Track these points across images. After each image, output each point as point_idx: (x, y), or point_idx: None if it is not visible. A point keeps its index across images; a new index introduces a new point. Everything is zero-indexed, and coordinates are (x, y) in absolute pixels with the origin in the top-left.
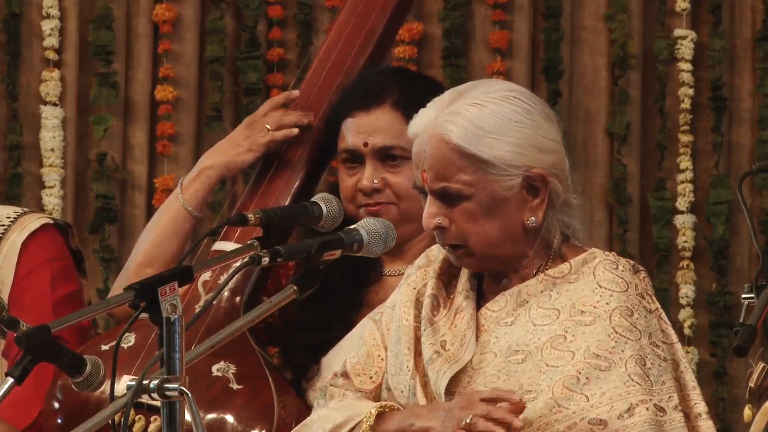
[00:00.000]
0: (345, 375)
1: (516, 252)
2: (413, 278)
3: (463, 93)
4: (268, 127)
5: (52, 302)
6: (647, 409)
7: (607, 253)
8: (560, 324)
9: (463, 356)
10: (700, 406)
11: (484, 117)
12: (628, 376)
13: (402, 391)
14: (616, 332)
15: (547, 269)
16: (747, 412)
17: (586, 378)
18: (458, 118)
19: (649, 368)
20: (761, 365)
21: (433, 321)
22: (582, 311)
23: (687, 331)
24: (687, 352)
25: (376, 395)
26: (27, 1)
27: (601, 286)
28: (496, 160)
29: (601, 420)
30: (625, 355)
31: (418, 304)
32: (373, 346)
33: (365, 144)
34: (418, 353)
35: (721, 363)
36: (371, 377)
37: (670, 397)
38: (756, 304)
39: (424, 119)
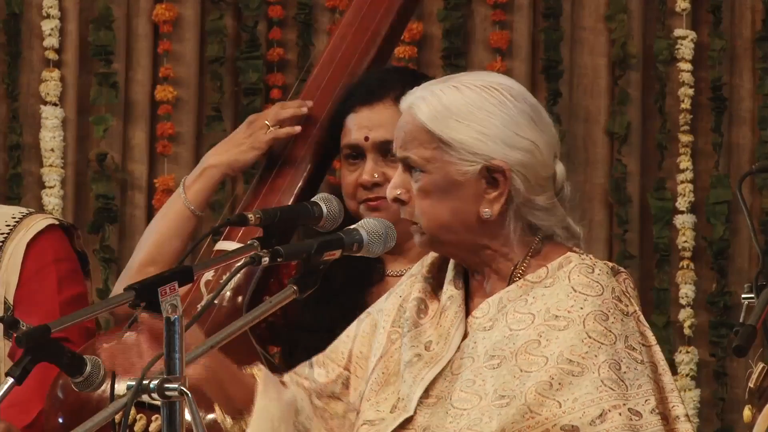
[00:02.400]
0: (311, 364)
1: (473, 242)
2: (402, 287)
3: (442, 80)
4: (267, 123)
5: (59, 303)
6: (620, 414)
7: (584, 256)
8: (535, 329)
9: (445, 355)
10: (678, 409)
11: (455, 100)
12: (601, 381)
13: (359, 394)
14: (590, 337)
15: (524, 268)
16: (747, 412)
17: (559, 384)
18: (431, 97)
19: (625, 372)
20: (761, 365)
21: (419, 323)
22: (556, 316)
23: (687, 331)
24: (687, 352)
25: (325, 389)
26: (27, 1)
27: (575, 291)
28: (455, 143)
29: (573, 426)
30: (598, 360)
31: (400, 310)
32: (343, 342)
33: (366, 138)
34: (384, 356)
35: (721, 363)
36: (327, 372)
37: (646, 400)
38: (756, 304)
39: (407, 98)
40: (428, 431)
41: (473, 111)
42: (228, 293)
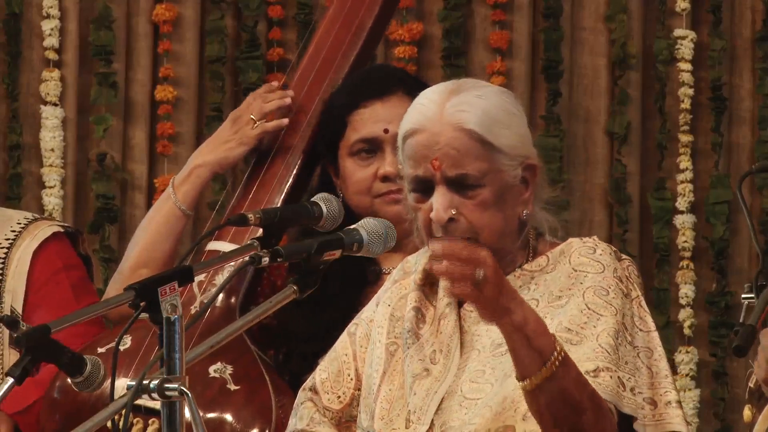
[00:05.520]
0: (314, 389)
1: (507, 246)
2: (388, 294)
3: (456, 89)
4: (253, 117)
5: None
6: (611, 377)
7: (586, 239)
8: (540, 311)
9: (451, 368)
10: (671, 395)
11: (490, 107)
12: (598, 345)
13: (366, 413)
14: (589, 308)
15: (524, 266)
16: (747, 412)
17: None
18: (470, 107)
19: (620, 344)
20: None
21: (419, 335)
22: (559, 297)
23: (687, 331)
24: (687, 352)
25: (342, 415)
26: (27, 1)
27: (576, 270)
28: (506, 148)
29: None
30: (596, 330)
31: (392, 320)
32: (344, 363)
33: (386, 131)
34: (387, 371)
35: (721, 363)
36: (339, 396)
37: (628, 378)
38: (756, 304)
39: (428, 113)
40: (445, 426)
41: (507, 115)
42: (221, 294)
